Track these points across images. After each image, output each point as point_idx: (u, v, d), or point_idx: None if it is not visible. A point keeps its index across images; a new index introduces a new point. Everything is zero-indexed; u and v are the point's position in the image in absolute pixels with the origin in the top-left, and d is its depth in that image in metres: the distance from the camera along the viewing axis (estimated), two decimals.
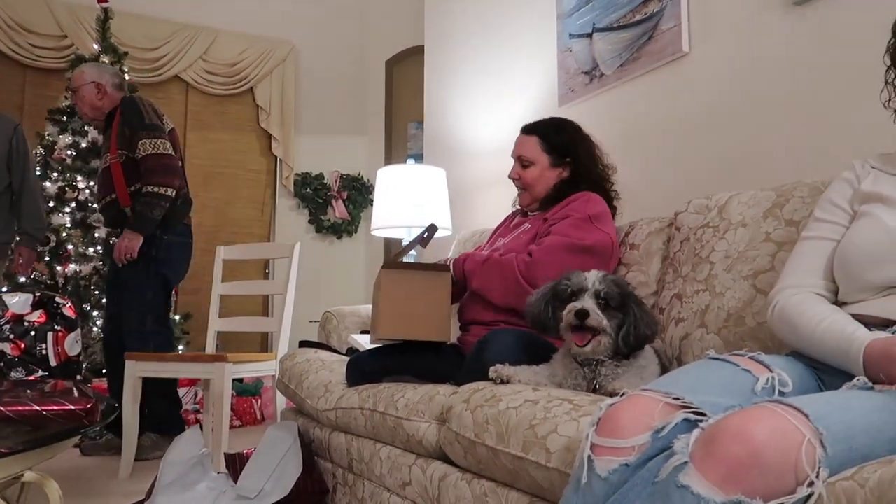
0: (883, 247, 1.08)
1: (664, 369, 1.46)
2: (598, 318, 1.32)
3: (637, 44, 2.47)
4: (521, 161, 2.04)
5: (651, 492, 0.78)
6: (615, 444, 0.88)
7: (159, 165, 2.89)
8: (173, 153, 2.97)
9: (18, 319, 1.28)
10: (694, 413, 0.87)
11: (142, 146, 2.90)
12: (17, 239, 3.26)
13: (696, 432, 0.81)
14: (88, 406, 0.96)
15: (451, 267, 1.89)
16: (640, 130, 2.49)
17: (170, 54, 4.86)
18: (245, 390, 4.33)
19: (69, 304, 1.38)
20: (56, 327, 1.31)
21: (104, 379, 3.95)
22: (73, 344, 1.35)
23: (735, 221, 1.62)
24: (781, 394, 0.97)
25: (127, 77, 4.24)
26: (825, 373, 1.08)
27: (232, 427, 4.12)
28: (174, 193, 2.92)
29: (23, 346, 1.26)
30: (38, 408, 0.92)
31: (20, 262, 3.17)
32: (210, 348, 3.19)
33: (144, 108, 2.98)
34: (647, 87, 2.47)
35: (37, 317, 1.31)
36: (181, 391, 4.22)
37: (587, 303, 1.33)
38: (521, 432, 1.19)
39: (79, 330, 1.36)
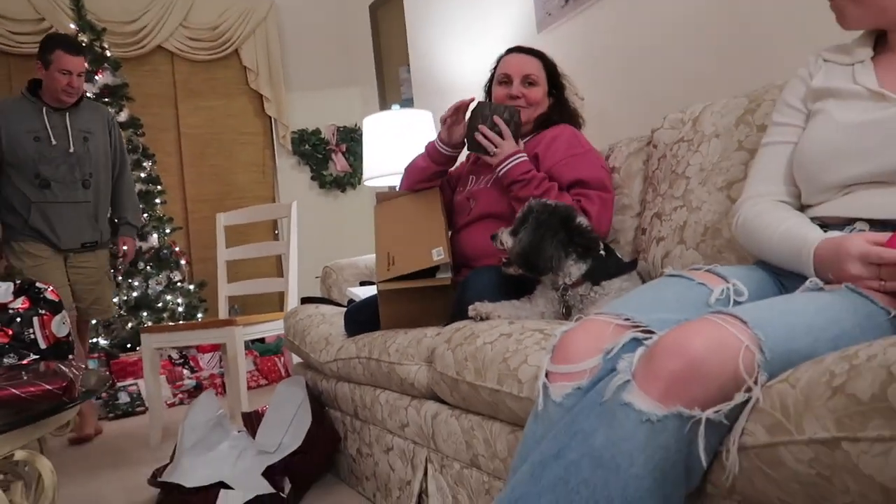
0: (836, 144, 1.04)
1: None
2: (501, 239, 1.49)
3: None
4: (528, 79, 1.91)
5: (598, 412, 0.79)
6: (568, 369, 0.90)
7: None
8: None
9: (3, 308, 1.32)
10: (643, 332, 0.88)
11: None
12: (120, 228, 3.25)
13: (640, 350, 0.82)
14: (64, 385, 1.00)
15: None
16: (616, 50, 2.42)
17: (150, 25, 4.79)
18: (267, 350, 4.45)
19: (50, 288, 1.41)
20: (41, 311, 1.35)
21: (131, 353, 4.10)
22: (59, 325, 1.39)
23: (708, 133, 1.59)
24: (737, 303, 0.96)
25: (108, 53, 4.23)
26: (786, 278, 1.07)
27: (259, 386, 4.25)
28: None
29: (10, 332, 1.30)
30: (16, 391, 0.96)
31: (124, 249, 3.20)
32: (223, 313, 3.26)
33: None
34: (620, 4, 2.39)
35: (20, 303, 1.34)
36: (205, 357, 4.36)
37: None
38: (495, 366, 1.21)
39: (64, 312, 1.39)
